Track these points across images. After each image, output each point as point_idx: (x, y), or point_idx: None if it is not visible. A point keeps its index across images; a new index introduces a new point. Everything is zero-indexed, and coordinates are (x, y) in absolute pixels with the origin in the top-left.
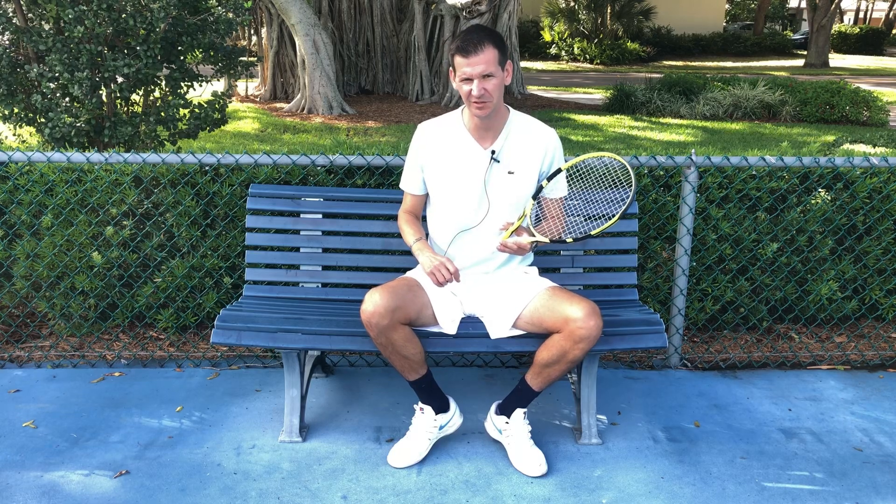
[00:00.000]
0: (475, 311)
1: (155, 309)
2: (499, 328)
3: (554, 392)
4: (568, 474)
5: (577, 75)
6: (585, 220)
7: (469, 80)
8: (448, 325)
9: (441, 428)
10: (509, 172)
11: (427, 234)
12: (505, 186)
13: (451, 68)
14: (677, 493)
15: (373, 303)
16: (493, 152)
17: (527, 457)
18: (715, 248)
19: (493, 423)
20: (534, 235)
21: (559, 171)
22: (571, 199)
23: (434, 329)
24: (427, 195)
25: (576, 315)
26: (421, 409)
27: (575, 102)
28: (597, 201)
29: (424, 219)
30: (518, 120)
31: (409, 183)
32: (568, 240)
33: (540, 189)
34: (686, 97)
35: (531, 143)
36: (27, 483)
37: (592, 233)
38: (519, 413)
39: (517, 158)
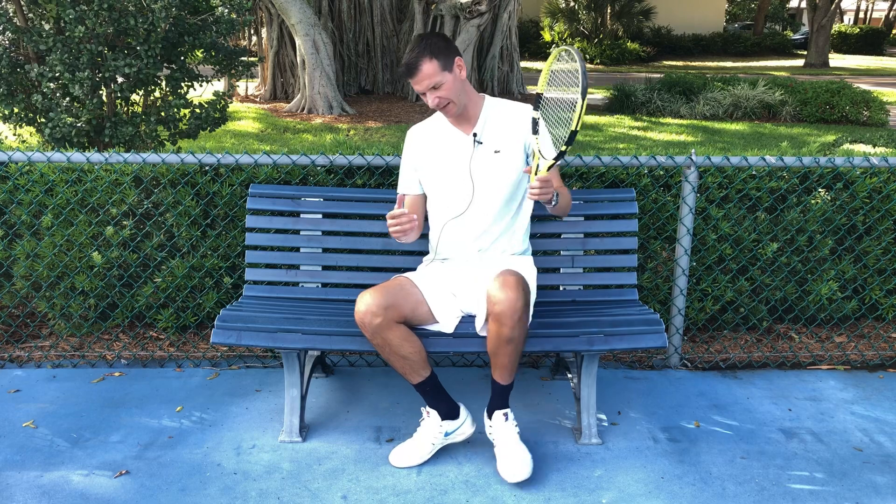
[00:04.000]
0: (471, 310)
1: (155, 309)
2: (481, 323)
3: (554, 392)
4: (568, 474)
5: None
6: (566, 129)
7: (424, 94)
8: (445, 322)
9: (447, 434)
10: (495, 152)
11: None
12: (492, 167)
13: None
14: (677, 493)
15: (364, 303)
16: (475, 135)
17: (508, 461)
18: (715, 248)
19: (486, 425)
20: (541, 163)
21: (535, 121)
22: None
23: (432, 328)
24: (425, 196)
25: (492, 292)
26: (427, 412)
27: None
28: (564, 105)
29: (427, 221)
30: (494, 104)
31: (405, 184)
32: (563, 148)
33: (535, 123)
34: (686, 97)
35: (510, 120)
36: (27, 483)
37: (573, 127)
38: (499, 415)
39: (500, 137)
